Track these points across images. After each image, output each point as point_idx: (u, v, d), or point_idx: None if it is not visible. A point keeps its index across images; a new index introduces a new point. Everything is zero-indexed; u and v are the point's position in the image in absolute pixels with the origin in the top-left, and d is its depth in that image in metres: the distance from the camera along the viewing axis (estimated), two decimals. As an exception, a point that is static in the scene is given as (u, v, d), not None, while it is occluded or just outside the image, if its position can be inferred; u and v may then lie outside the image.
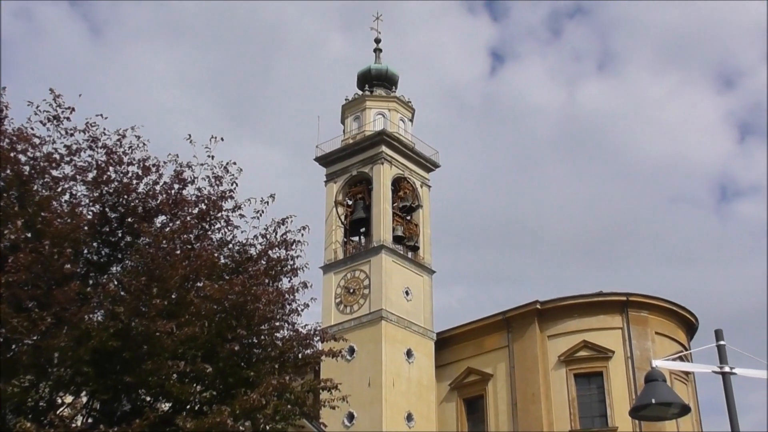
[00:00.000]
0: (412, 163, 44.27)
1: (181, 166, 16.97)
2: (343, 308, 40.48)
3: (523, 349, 38.48)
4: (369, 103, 45.54)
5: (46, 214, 14.87)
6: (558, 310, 38.61)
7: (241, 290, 15.62)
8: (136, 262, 15.55)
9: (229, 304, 15.69)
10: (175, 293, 15.34)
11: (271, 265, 17.07)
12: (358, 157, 43.53)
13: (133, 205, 16.16)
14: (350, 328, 38.96)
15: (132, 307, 14.72)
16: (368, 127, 44.56)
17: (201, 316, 15.20)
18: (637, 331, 37.60)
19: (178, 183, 16.74)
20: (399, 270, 40.96)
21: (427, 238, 43.34)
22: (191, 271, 15.40)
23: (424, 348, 40.24)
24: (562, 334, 38.14)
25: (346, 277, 41.15)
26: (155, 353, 14.73)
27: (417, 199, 43.98)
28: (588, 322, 38.05)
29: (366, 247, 41.82)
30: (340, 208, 43.32)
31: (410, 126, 46.44)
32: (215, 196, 17.00)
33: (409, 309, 40.48)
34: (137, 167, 16.51)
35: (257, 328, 16.40)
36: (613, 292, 38.69)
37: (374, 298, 39.56)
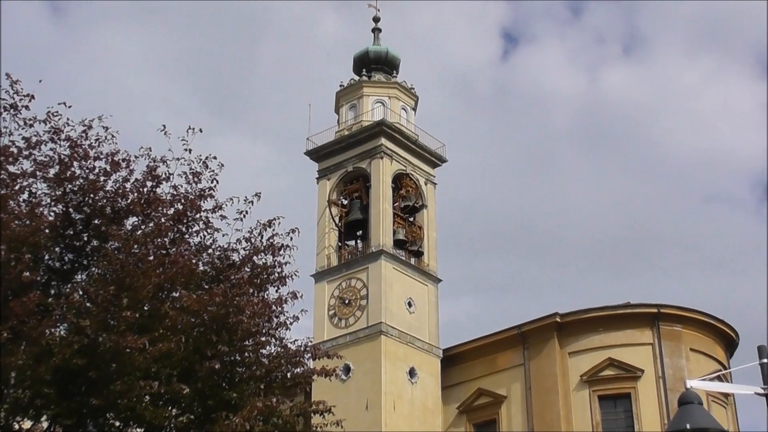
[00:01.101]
0: (416, 158, 44.29)
1: (154, 161, 16.97)
2: (338, 321, 40.47)
3: (541, 368, 38.48)
4: (367, 90, 45.56)
5: (2, 215, 14.87)
6: (580, 323, 38.60)
7: (222, 301, 15.62)
8: (104, 270, 15.54)
9: (208, 317, 15.69)
10: (147, 305, 15.34)
11: (256, 273, 17.07)
12: (354, 150, 43.55)
13: (101, 205, 16.16)
14: (345, 343, 38.94)
15: (99, 320, 14.70)
16: (366, 117, 44.58)
17: (177, 331, 15.20)
18: (670, 347, 37.60)
19: (151, 180, 16.73)
20: (400, 278, 40.97)
21: (432, 242, 43.35)
22: (166, 280, 15.40)
23: (428, 366, 40.24)
24: (585, 350, 38.12)
25: (341, 287, 41.15)
26: (125, 372, 14.71)
27: (421, 199, 44.00)
28: (614, 337, 38.05)
29: (363, 253, 41.81)
30: (334, 208, 43.33)
31: (413, 115, 46.45)
32: (193, 195, 16.99)
33: (412, 322, 40.48)
34: (105, 162, 16.50)
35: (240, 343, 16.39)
36: (642, 304, 38.69)
37: (372, 309, 39.57)
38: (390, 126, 43.25)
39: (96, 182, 16.18)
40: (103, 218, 16.08)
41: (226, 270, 16.97)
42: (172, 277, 15.46)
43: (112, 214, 16.22)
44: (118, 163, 16.54)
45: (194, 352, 15.64)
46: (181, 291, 15.58)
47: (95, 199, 16.14)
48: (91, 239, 16.21)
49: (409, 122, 45.67)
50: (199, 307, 15.36)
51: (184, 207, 16.82)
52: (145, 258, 15.51)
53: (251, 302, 16.34)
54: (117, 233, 15.74)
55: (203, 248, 17.30)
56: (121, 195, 16.34)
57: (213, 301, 15.54)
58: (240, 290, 16.31)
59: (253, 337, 16.56)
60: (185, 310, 15.33)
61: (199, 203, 17.00)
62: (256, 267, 17.15)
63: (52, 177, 16.08)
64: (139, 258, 15.45)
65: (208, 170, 17.35)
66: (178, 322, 15.23)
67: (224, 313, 15.75)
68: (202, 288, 16.37)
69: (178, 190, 17.03)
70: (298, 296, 17.40)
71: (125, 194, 16.37)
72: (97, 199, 16.15)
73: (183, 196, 16.94)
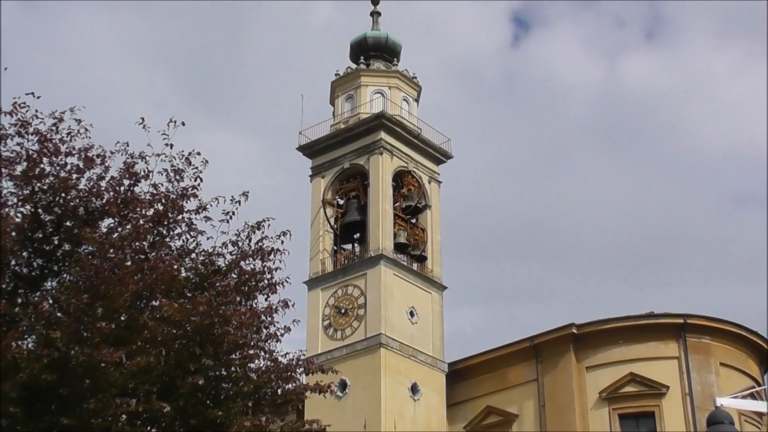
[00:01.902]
0: (418, 154, 44.31)
1: (132, 157, 16.94)
2: (333, 333, 40.47)
3: (556, 384, 38.48)
4: (365, 79, 45.60)
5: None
6: (599, 335, 38.61)
7: (206, 310, 15.60)
8: (77, 276, 15.51)
9: (191, 328, 15.67)
10: (124, 314, 15.30)
11: (243, 280, 17.05)
12: (351, 145, 43.58)
13: (73, 205, 16.14)
14: (342, 357, 38.96)
15: (71, 331, 14.67)
16: (364, 109, 44.62)
17: (157, 343, 15.17)
18: (698, 361, 37.60)
19: (128, 178, 16.71)
20: (402, 285, 40.97)
21: (436, 245, 43.37)
22: (145, 287, 15.37)
23: (432, 382, 40.25)
24: (604, 365, 38.14)
25: (337, 295, 41.15)
26: (100, 389, 14.67)
27: (424, 198, 44.03)
28: (636, 350, 38.07)
29: (361, 257, 41.84)
30: (329, 208, 43.35)
31: (416, 107, 46.49)
32: (175, 195, 16.99)
33: (415, 334, 40.48)
34: (77, 159, 16.47)
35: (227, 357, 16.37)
36: (666, 314, 38.72)
37: (371, 320, 39.57)
38: (390, 119, 43.27)
39: (68, 180, 16.15)
40: (76, 220, 16.06)
41: (210, 276, 16.94)
42: (151, 285, 15.43)
43: (86, 216, 16.19)
44: (92, 159, 16.51)
45: (176, 366, 15.60)
46: (162, 299, 15.54)
47: (67, 198, 16.12)
48: (63, 243, 16.19)
49: (411, 115, 45.70)
50: (181, 317, 15.35)
51: (165, 207, 16.81)
52: (122, 263, 15.47)
53: (238, 312, 16.31)
54: (91, 236, 15.71)
55: (186, 252, 17.29)
56: (95, 194, 16.32)
57: (196, 310, 15.51)
58: (226, 298, 16.29)
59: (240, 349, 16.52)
60: (166, 321, 15.31)
61: (181, 203, 16.98)
62: (244, 273, 17.12)
63: (19, 174, 16.04)
64: (116, 263, 15.41)
65: (191, 167, 17.32)
66: (157, 333, 15.20)
67: (209, 324, 15.72)
68: (184, 296, 16.34)
69: (158, 189, 17.01)
70: (289, 305, 17.32)
71: (100, 193, 16.35)
72: (69, 198, 16.14)
73: (163, 196, 16.92)
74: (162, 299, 15.54)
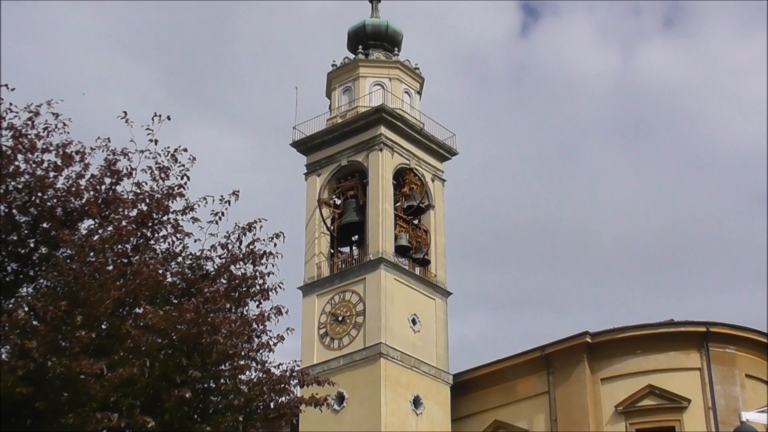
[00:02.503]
0: (421, 150, 44.33)
1: (113, 153, 16.95)
2: (330, 342, 40.47)
3: (569, 397, 38.48)
4: (363, 70, 45.62)
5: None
6: (615, 344, 38.62)
7: (193, 318, 15.61)
8: (54, 282, 15.50)
9: (177, 337, 15.68)
10: (105, 323, 15.31)
11: (233, 285, 17.06)
12: (348, 141, 43.59)
13: (50, 205, 16.13)
14: (339, 368, 38.97)
15: (48, 341, 14.66)
16: (362, 102, 44.64)
17: (140, 353, 15.18)
18: (722, 372, 37.59)
19: (109, 176, 16.72)
20: (403, 291, 40.98)
21: (440, 248, 43.37)
22: (128, 294, 15.38)
23: (436, 395, 40.26)
24: (621, 376, 38.16)
25: (334, 301, 41.16)
26: (79, 403, 14.67)
27: (427, 198, 44.03)
28: (655, 360, 38.07)
29: (359, 261, 41.83)
30: (325, 209, 43.36)
31: (418, 100, 46.50)
32: (160, 194, 17.00)
33: (417, 343, 40.49)
34: (55, 155, 16.47)
35: (215, 368, 16.39)
36: (688, 321, 38.73)
37: (370, 328, 39.57)
38: (391, 113, 43.28)
39: (44, 179, 16.15)
40: (53, 221, 16.05)
41: (198, 282, 16.95)
42: (134, 291, 15.44)
43: (64, 217, 16.19)
44: (70, 156, 16.51)
45: (161, 378, 15.61)
46: (146, 306, 15.56)
47: (43, 198, 16.12)
48: (39, 246, 16.18)
49: (413, 108, 45.71)
50: (166, 325, 15.34)
51: (149, 208, 16.81)
52: (103, 268, 15.46)
53: (228, 319, 16.31)
54: (69, 239, 15.69)
55: (172, 256, 17.30)
56: (74, 194, 16.31)
57: (183, 318, 15.51)
58: (215, 305, 16.29)
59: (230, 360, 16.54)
60: (150, 329, 15.30)
61: (166, 203, 17.00)
62: (234, 278, 17.13)
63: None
64: (96, 268, 15.40)
65: (178, 165, 17.34)
66: (141, 343, 15.19)
67: (196, 333, 15.73)
68: (170, 303, 16.34)
69: (142, 187, 17.01)
70: (283, 312, 17.38)
71: (79, 193, 16.34)
72: (46, 198, 16.13)
73: (148, 195, 16.92)
74: (146, 306, 15.56)
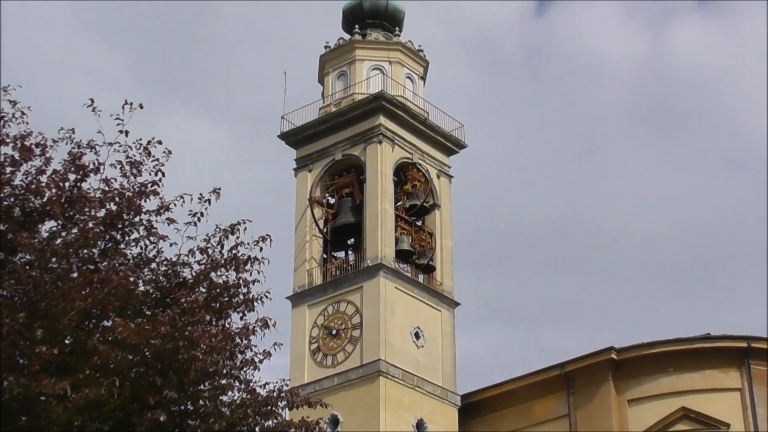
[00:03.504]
0: (425, 142, 44.32)
1: (78, 146, 16.93)
2: (322, 358, 40.46)
3: (592, 419, 38.47)
4: (360, 53, 45.59)
5: None
6: (643, 361, 38.59)
7: (169, 332, 15.60)
8: (11, 291, 15.49)
9: (151, 353, 15.66)
10: (69, 337, 15.30)
11: (214, 295, 17.05)
12: (344, 132, 43.58)
13: (7, 204, 16.11)
14: (333, 388, 38.97)
15: (4, 358, 14.65)
16: (359, 89, 44.62)
17: (109, 371, 15.15)
18: (764, 394, 37.55)
19: (74, 172, 16.69)
20: (405, 301, 40.96)
21: (446, 253, 43.36)
22: (94, 304, 15.36)
23: (442, 418, 40.26)
24: (651, 397, 38.14)
25: (327, 312, 41.14)
26: (39, 427, 14.64)
27: (432, 196, 44.01)
28: (689, 380, 38.05)
29: (356, 268, 41.81)
30: (317, 209, 43.34)
31: (422, 87, 46.50)
32: (131, 192, 16.98)
33: (421, 360, 40.48)
34: (12, 148, 16.44)
35: (194, 388, 16.38)
36: (726, 336, 38.69)
37: (368, 343, 39.55)
38: (391, 100, 43.27)
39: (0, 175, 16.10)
40: (10, 222, 16.02)
41: (174, 291, 16.93)
42: (102, 301, 15.43)
43: (23, 217, 16.17)
44: (30, 149, 16.49)
45: (132, 399, 15.59)
46: (115, 319, 15.53)
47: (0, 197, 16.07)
48: (-5, 250, 16.15)
49: (417, 95, 45.70)
50: (138, 339, 15.33)
51: (119, 207, 16.79)
52: (67, 275, 15.46)
53: (208, 333, 16.30)
54: (29, 242, 15.67)
55: (144, 262, 17.27)
56: (34, 191, 16.29)
57: (157, 331, 15.50)
58: (193, 317, 16.28)
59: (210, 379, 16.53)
60: (120, 345, 15.29)
61: (138, 202, 16.97)
62: (215, 287, 17.12)
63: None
64: (59, 275, 15.40)
65: (151, 159, 17.32)
66: (110, 360, 15.18)
67: (172, 348, 15.72)
68: (142, 315, 16.34)
69: (111, 185, 16.98)
70: (270, 325, 17.37)
71: (40, 191, 16.32)
72: (2, 197, 16.12)
73: (117, 194, 16.90)
74: (115, 318, 15.53)
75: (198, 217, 17.53)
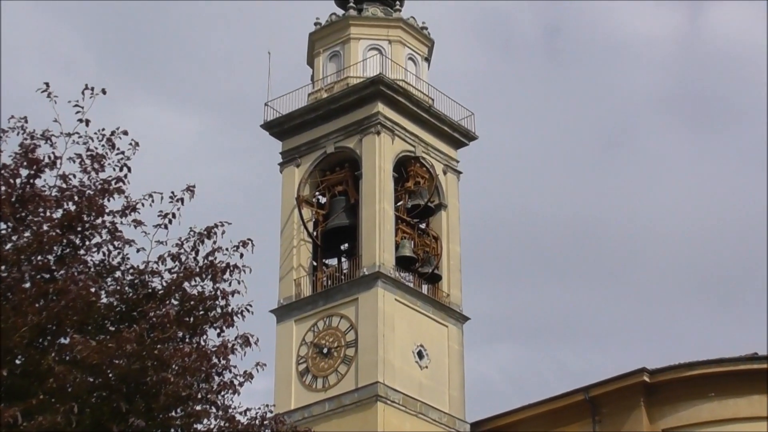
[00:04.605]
0: (430, 133, 44.32)
1: (32, 137, 16.93)
2: (312, 381, 40.43)
3: (621, 452, 38.44)
4: (356, 30, 45.56)
5: None
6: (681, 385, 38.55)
7: (136, 350, 15.61)
8: (-45, 304, 15.48)
9: (115, 375, 15.67)
10: (21, 356, 15.30)
11: (188, 308, 17.06)
12: (336, 122, 43.56)
13: (-51, 205, 16.11)
14: (323, 414, 39.02)
15: (-53, 380, 14.66)
16: (354, 72, 44.59)
17: (66, 396, 15.16)
18: (823, 422, 37.52)
19: (26, 167, 16.68)
20: (407, 315, 40.95)
21: (454, 260, 43.35)
22: (50, 319, 15.36)
23: (450, 450, 40.26)
24: (689, 426, 38.08)
25: (317, 328, 41.11)
26: (-12, 460, 14.65)
27: (438, 195, 44.00)
28: (734, 406, 38.00)
29: (351, 277, 41.79)
30: (306, 209, 43.32)
31: (426, 69, 46.48)
32: (92, 190, 16.97)
33: (425, 382, 40.48)
34: (-45, 140, 16.49)
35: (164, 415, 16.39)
36: (775, 355, 38.64)
37: (364, 363, 39.53)
38: (391, 85, 43.24)
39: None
40: (-46, 225, 16.04)
41: (142, 303, 16.93)
42: (59, 315, 15.42)
43: (-33, 219, 16.16)
44: (-25, 141, 16.52)
45: (93, 427, 15.60)
46: (74, 335, 15.53)
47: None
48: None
49: (420, 79, 45.69)
50: (100, 359, 15.33)
51: (79, 207, 16.78)
52: (18, 285, 15.48)
53: (180, 352, 16.31)
54: (-26, 248, 15.67)
55: (108, 270, 17.27)
56: (-21, 190, 16.30)
57: (122, 350, 15.51)
58: (163, 334, 16.29)
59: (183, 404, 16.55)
60: (79, 365, 15.28)
61: (101, 202, 16.96)
62: (189, 298, 17.14)
63: None
64: (9, 285, 15.41)
65: (115, 152, 17.34)
66: (68, 382, 15.18)
67: (139, 369, 15.73)
68: (105, 331, 16.34)
69: (69, 181, 16.98)
70: (251, 343, 17.42)
71: (-13, 188, 16.32)
72: (-56, 196, 16.12)
73: (76, 192, 16.90)
74: (74, 335, 15.53)
75: (169, 219, 17.55)
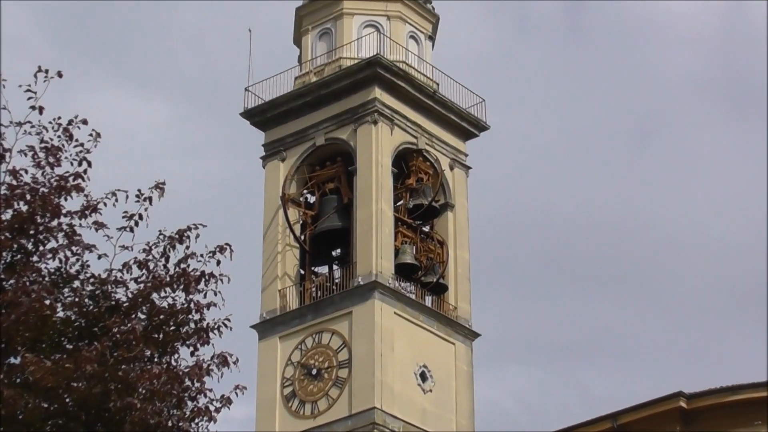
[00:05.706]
0: (434, 123, 44.39)
1: (-23, 127, 16.96)
2: (299, 406, 40.47)
3: (654, 487, 38.48)
4: (349, 4, 45.60)
5: None
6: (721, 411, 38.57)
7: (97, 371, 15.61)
8: None
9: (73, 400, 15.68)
10: (-34, 378, 15.27)
11: (157, 323, 17.07)
12: (327, 109, 43.64)
13: None
14: (312, 445, 39.01)
15: None
16: (347, 52, 44.65)
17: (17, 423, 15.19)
18: None
19: (-29, 161, 16.73)
20: (408, 331, 41.00)
21: (462, 268, 43.40)
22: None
23: (457, 485, 40.35)
24: (731, 456, 38.13)
25: (305, 346, 41.14)
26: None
27: (443, 194, 44.02)
28: (781, 434, 38.04)
29: (344, 287, 41.81)
30: (293, 209, 43.34)
31: (430, 49, 46.55)
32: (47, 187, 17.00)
33: (429, 408, 40.54)
34: None
35: (130, 446, 16.37)
36: (831, 377, 38.69)
37: (359, 386, 39.56)
38: (390, 67, 43.28)
39: None
40: None
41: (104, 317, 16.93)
42: (8, 331, 15.46)
43: None
44: None
45: (49, 460, 15.57)
46: (25, 354, 15.56)
47: None
48: None
49: (424, 61, 45.73)
50: (56, 382, 15.34)
51: (31, 208, 16.81)
52: (-38, 297, 15.46)
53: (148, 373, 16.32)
54: None
55: (65, 280, 17.28)
56: None
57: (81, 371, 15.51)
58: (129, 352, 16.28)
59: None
60: (32, 388, 15.28)
61: (56, 201, 16.99)
62: (158, 312, 17.14)
63: None
64: (-49, 297, 15.40)
65: (73, 144, 17.38)
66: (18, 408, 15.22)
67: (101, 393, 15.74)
68: (61, 349, 16.34)
69: (20, 178, 17.02)
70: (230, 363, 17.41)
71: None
72: None
73: (29, 190, 16.93)
74: (26, 354, 15.56)
75: (135, 221, 17.55)
